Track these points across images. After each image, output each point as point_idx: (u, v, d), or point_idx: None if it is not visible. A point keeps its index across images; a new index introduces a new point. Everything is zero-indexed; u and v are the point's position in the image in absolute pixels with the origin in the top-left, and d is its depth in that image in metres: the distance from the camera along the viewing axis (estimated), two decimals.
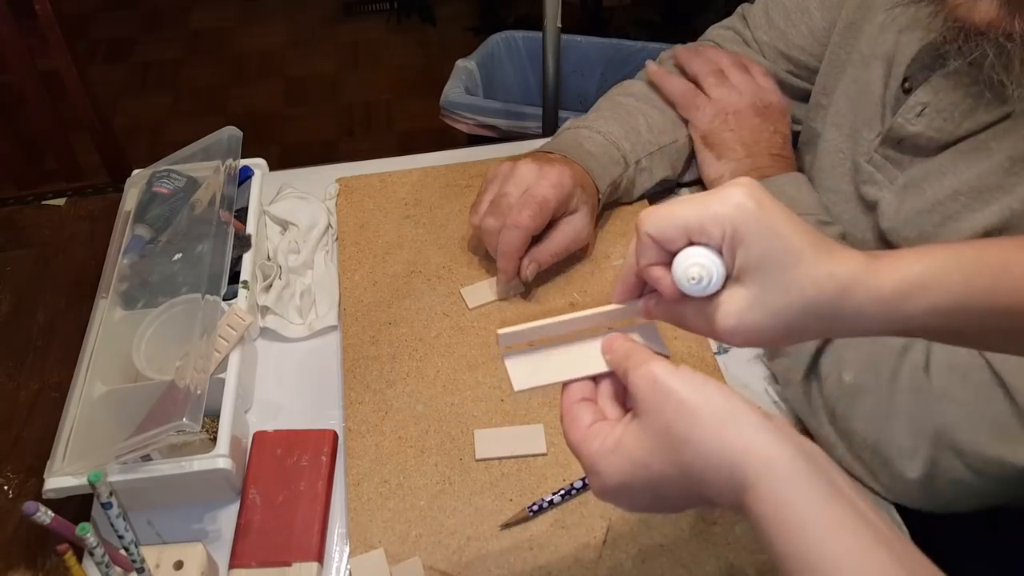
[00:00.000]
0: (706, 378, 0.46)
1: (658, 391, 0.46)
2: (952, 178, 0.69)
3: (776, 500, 0.41)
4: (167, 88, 2.68)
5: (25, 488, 0.77)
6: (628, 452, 0.47)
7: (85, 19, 2.93)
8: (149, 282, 0.79)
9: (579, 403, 0.51)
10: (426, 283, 0.88)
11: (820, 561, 0.39)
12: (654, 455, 0.45)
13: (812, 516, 0.41)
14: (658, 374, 0.46)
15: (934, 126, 0.70)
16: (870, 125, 0.78)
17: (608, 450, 0.47)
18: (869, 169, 0.78)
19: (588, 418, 0.50)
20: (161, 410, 0.67)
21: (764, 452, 0.42)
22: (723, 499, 0.44)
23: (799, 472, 0.42)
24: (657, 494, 0.47)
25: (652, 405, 0.46)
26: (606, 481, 0.47)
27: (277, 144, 2.45)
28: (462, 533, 0.70)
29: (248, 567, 0.67)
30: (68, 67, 1.34)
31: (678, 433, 0.44)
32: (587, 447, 0.48)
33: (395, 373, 0.81)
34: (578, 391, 0.52)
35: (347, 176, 1.00)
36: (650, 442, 0.46)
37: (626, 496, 0.48)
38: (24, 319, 0.91)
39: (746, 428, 0.43)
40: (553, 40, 1.19)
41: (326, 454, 0.74)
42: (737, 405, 0.44)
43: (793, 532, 0.41)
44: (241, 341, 0.76)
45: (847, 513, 0.41)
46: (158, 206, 0.83)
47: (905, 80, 0.73)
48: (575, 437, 0.50)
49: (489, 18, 2.67)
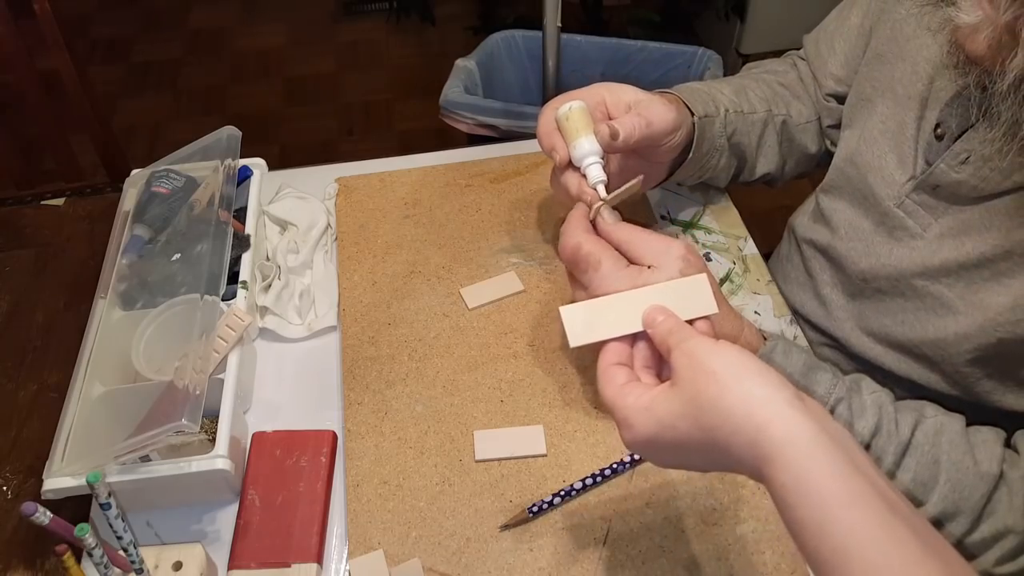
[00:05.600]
0: (743, 352, 0.49)
1: (695, 366, 0.49)
2: (999, 235, 0.68)
3: (797, 469, 0.44)
4: (166, 88, 2.68)
5: (24, 489, 0.77)
6: (660, 412, 0.50)
7: (84, 19, 2.92)
8: (148, 282, 0.78)
9: (615, 365, 0.55)
10: (426, 283, 0.88)
11: (836, 528, 0.42)
12: (683, 418, 0.49)
13: (830, 487, 0.43)
14: (696, 351, 0.50)
15: (979, 175, 0.68)
16: (901, 167, 0.76)
17: (642, 407, 0.51)
18: (899, 214, 0.76)
19: (623, 378, 0.54)
20: (160, 411, 0.67)
21: (788, 425, 0.45)
22: (743, 464, 0.47)
23: (821, 446, 0.45)
24: (682, 452, 0.51)
25: (688, 375, 0.50)
26: (637, 435, 0.51)
27: (276, 144, 2.45)
28: (462, 534, 0.69)
29: (247, 568, 0.67)
30: (67, 67, 1.33)
31: (708, 401, 0.48)
32: (622, 401, 0.52)
33: (394, 374, 0.80)
34: (614, 354, 0.56)
35: (346, 176, 0.99)
36: (681, 407, 0.49)
37: (653, 449, 0.52)
38: (23, 319, 0.91)
39: (774, 402, 0.46)
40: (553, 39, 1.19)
41: (325, 455, 0.74)
42: (770, 381, 0.47)
43: (812, 500, 0.43)
44: (240, 341, 0.76)
45: (865, 487, 0.43)
46: (157, 206, 0.83)
47: (937, 125, 0.72)
48: (611, 392, 0.53)
49: (489, 17, 2.67)
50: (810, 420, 0.46)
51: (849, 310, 0.85)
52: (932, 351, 0.75)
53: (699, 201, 0.97)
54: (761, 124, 0.89)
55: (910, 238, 0.76)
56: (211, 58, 2.79)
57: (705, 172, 0.88)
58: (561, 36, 1.19)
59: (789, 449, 0.44)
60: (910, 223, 0.75)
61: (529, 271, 0.88)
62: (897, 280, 0.77)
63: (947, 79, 0.71)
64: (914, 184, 0.75)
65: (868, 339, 0.82)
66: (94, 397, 0.71)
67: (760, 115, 0.89)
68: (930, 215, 0.74)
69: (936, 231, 0.73)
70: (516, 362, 0.81)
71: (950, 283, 0.72)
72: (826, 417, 0.48)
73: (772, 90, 0.91)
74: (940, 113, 0.72)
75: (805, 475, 0.44)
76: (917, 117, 0.75)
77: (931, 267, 0.73)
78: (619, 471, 0.72)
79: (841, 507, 0.43)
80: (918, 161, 0.75)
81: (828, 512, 0.43)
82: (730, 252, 0.92)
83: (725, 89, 0.88)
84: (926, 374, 0.78)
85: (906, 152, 0.76)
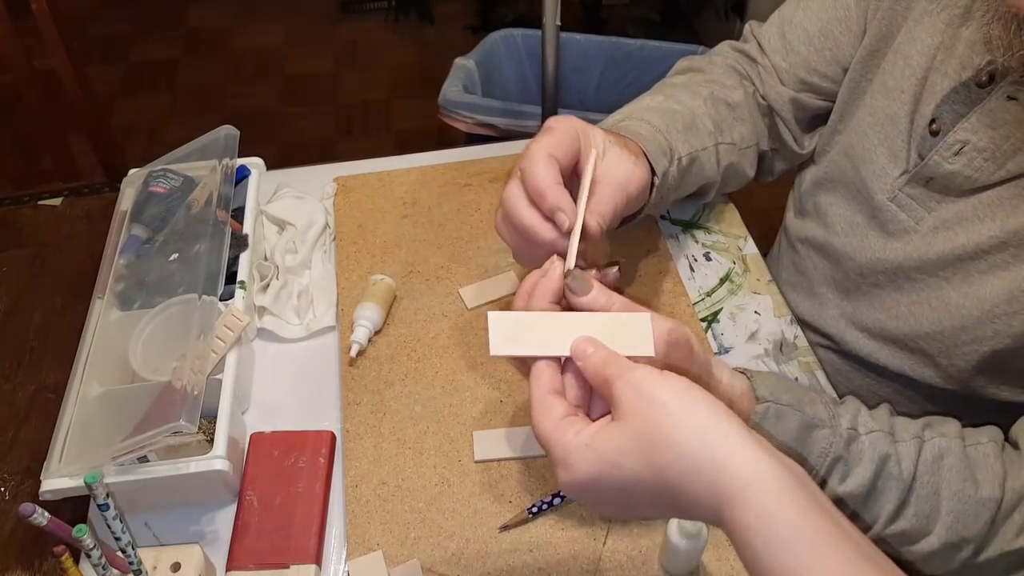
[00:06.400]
0: (692, 385, 0.46)
1: (643, 397, 0.45)
2: (993, 225, 0.68)
3: (762, 509, 0.41)
4: (164, 87, 2.67)
5: (22, 490, 0.77)
6: (603, 449, 0.46)
7: (82, 18, 2.92)
8: (146, 282, 0.78)
9: (552, 394, 0.50)
10: (424, 283, 0.88)
11: (806, 573, 0.39)
12: (630, 456, 0.45)
13: (798, 528, 0.40)
14: (642, 381, 0.46)
15: (974, 166, 0.68)
16: (893, 161, 0.76)
17: (582, 444, 0.46)
18: (892, 208, 0.76)
19: (562, 410, 0.49)
20: (158, 411, 0.66)
21: (751, 463, 0.42)
22: (699, 506, 0.43)
23: (786, 485, 0.42)
24: (627, 495, 0.46)
25: (635, 407, 0.45)
26: (576, 475, 0.46)
27: (274, 143, 2.45)
28: (461, 535, 0.69)
29: (245, 569, 0.67)
30: (65, 66, 1.33)
31: (660, 436, 0.44)
32: (560, 437, 0.47)
33: (393, 374, 0.80)
34: (548, 382, 0.51)
35: (345, 175, 0.99)
36: (628, 443, 0.45)
37: (594, 493, 0.47)
38: (20, 319, 0.91)
39: (732, 438, 0.43)
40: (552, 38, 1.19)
41: (324, 455, 0.73)
42: (723, 415, 0.44)
43: (779, 543, 0.40)
44: (238, 342, 0.75)
45: (832, 529, 0.41)
46: (155, 206, 0.83)
47: (933, 121, 0.72)
48: (548, 427, 0.48)
49: (488, 16, 2.66)
50: (771, 456, 0.43)
51: (844, 307, 0.85)
52: (928, 345, 0.75)
53: (699, 200, 0.97)
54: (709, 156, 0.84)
55: (903, 232, 0.76)
56: (209, 57, 2.79)
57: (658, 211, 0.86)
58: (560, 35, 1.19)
59: (753, 487, 0.41)
60: (903, 217, 0.75)
61: (528, 271, 0.88)
62: (894, 274, 0.77)
63: (942, 73, 0.71)
64: (907, 178, 0.75)
65: (863, 335, 0.82)
66: (92, 398, 0.71)
67: (709, 149, 0.84)
68: (923, 208, 0.74)
69: (930, 224, 0.73)
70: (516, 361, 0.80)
71: (946, 276, 0.72)
72: (777, 451, 0.44)
73: (719, 114, 0.86)
74: (936, 108, 0.72)
75: (771, 515, 0.41)
76: (910, 111, 0.74)
77: (927, 260, 0.73)
78: None
79: (811, 550, 0.40)
80: (911, 155, 0.75)
81: (797, 556, 0.40)
82: (730, 252, 0.92)
83: (678, 123, 0.81)
84: (920, 368, 0.78)
85: (898, 146, 0.76)
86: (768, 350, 0.83)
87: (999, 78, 0.67)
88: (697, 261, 0.91)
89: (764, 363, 0.82)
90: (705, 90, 0.87)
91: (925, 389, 0.79)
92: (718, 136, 0.85)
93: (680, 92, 0.86)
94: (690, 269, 0.90)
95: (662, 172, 0.75)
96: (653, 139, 0.76)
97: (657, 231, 0.93)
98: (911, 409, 0.82)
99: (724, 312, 0.86)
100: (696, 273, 0.90)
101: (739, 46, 0.93)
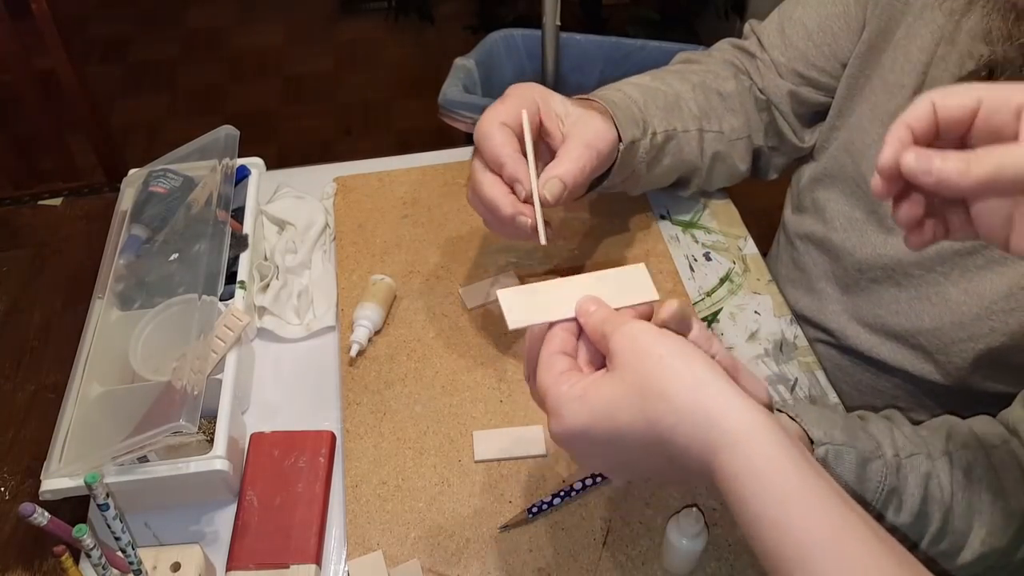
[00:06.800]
0: (688, 342, 0.46)
1: (638, 348, 0.46)
2: None
3: (754, 458, 0.41)
4: (164, 87, 2.67)
5: (22, 490, 0.77)
6: (596, 400, 0.46)
7: (82, 19, 2.92)
8: (145, 282, 0.78)
9: (557, 353, 0.51)
10: (424, 283, 0.88)
11: (797, 522, 0.40)
12: (623, 407, 0.45)
13: (790, 482, 0.41)
14: (639, 333, 0.46)
15: None
16: None
17: (575, 395, 0.47)
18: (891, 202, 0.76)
19: (563, 366, 0.49)
20: (158, 411, 0.66)
21: (745, 417, 0.43)
22: (689, 457, 0.43)
23: (777, 438, 0.42)
24: (617, 447, 0.46)
25: (630, 359, 0.46)
26: (567, 424, 0.47)
27: (274, 143, 2.45)
28: (461, 535, 0.69)
29: (245, 569, 0.67)
30: (64, 67, 1.33)
31: (654, 386, 0.44)
32: (555, 390, 0.48)
33: (393, 374, 0.80)
34: (559, 343, 0.51)
35: (345, 175, 0.99)
36: (621, 394, 0.45)
37: (585, 443, 0.47)
38: (20, 320, 0.91)
39: (726, 392, 0.43)
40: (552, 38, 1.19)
41: (324, 455, 0.73)
42: (718, 372, 0.44)
43: (770, 493, 0.41)
44: (238, 342, 0.75)
45: (821, 482, 0.42)
46: (155, 206, 0.83)
47: None
48: (547, 381, 0.49)
49: (488, 16, 2.66)
50: (764, 414, 0.43)
51: (844, 302, 0.85)
52: (927, 341, 0.76)
53: (698, 200, 0.97)
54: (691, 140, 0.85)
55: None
56: (209, 57, 2.79)
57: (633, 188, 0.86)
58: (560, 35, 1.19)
59: (745, 439, 0.42)
60: None
61: (528, 271, 0.88)
62: (892, 270, 0.77)
63: (943, 67, 0.71)
64: None
65: (864, 330, 0.82)
66: (92, 398, 0.71)
67: (692, 133, 0.84)
68: None
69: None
70: (515, 362, 0.80)
71: (945, 272, 0.72)
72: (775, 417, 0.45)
73: (709, 102, 0.87)
74: None
75: (763, 465, 0.41)
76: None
77: (926, 256, 0.73)
78: None
79: (801, 503, 0.40)
80: None
81: (788, 506, 0.40)
82: (730, 251, 0.92)
83: (659, 100, 0.82)
84: (920, 364, 0.78)
85: None
86: (768, 350, 0.83)
87: (999, 71, 0.67)
88: (697, 261, 0.91)
89: (764, 363, 0.82)
90: (696, 78, 0.87)
91: (925, 384, 0.79)
92: (703, 122, 0.85)
93: (670, 76, 0.87)
94: (690, 269, 0.90)
95: (630, 140, 0.75)
96: (626, 108, 0.77)
97: (657, 231, 0.93)
98: (911, 404, 0.82)
99: (724, 312, 0.86)
100: (696, 273, 0.90)
101: (738, 43, 0.94)
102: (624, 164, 0.78)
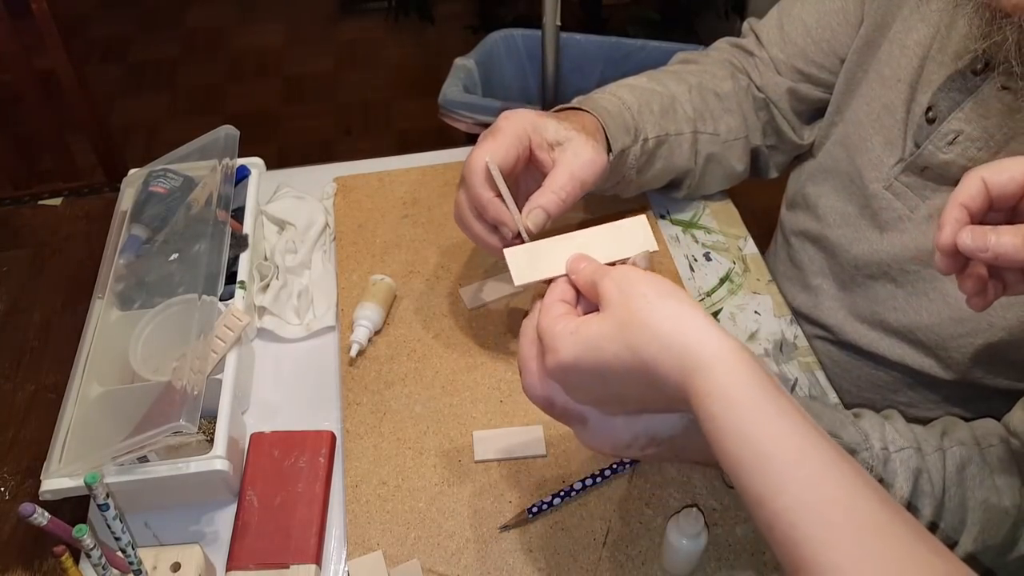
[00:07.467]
0: (671, 282, 0.50)
1: (624, 289, 0.49)
2: None
3: (724, 380, 0.44)
4: (164, 87, 2.67)
5: (22, 490, 0.77)
6: (585, 333, 0.49)
7: (82, 19, 2.92)
8: (145, 282, 0.78)
9: (558, 301, 0.54)
10: (424, 283, 0.88)
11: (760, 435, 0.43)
12: (610, 339, 0.48)
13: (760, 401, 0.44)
14: (627, 276, 0.50)
15: (967, 155, 0.69)
16: (889, 149, 0.76)
17: (568, 331, 0.50)
18: (887, 196, 0.76)
19: (561, 311, 0.53)
20: (158, 411, 0.66)
21: (722, 342, 0.45)
22: (668, 382, 0.46)
23: (748, 364, 0.45)
24: (603, 376, 0.49)
25: (617, 298, 0.49)
26: (560, 358, 0.50)
27: (274, 143, 2.45)
28: (461, 535, 0.69)
29: (245, 569, 0.67)
30: (64, 67, 1.33)
31: (637, 318, 0.47)
32: (552, 328, 0.51)
33: (393, 374, 0.80)
34: (561, 292, 0.55)
35: (345, 175, 0.99)
36: (609, 328, 0.49)
37: (575, 375, 0.51)
38: (20, 319, 0.90)
39: (705, 326, 0.46)
40: (552, 38, 1.19)
41: (324, 455, 0.73)
42: (698, 309, 0.48)
43: (741, 413, 0.43)
44: (238, 342, 0.75)
45: (790, 407, 0.44)
46: (154, 206, 0.83)
47: (929, 109, 0.72)
48: (545, 322, 0.52)
49: (488, 16, 2.66)
50: (739, 344, 0.46)
51: (841, 299, 0.85)
52: (926, 337, 0.76)
53: (698, 200, 0.97)
54: (683, 143, 0.85)
55: (897, 221, 0.76)
56: (209, 57, 2.79)
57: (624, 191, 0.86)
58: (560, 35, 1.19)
59: (718, 363, 0.45)
60: (898, 205, 0.75)
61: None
62: (889, 266, 0.77)
63: (938, 62, 0.72)
64: (903, 166, 0.75)
65: (862, 326, 0.82)
66: (92, 398, 0.71)
67: (685, 135, 0.84)
68: (918, 197, 0.74)
69: (924, 212, 0.74)
70: (515, 362, 0.80)
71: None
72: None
73: (705, 104, 0.86)
74: (932, 96, 0.72)
75: (733, 385, 0.44)
76: (907, 100, 0.75)
77: (923, 251, 0.74)
78: (619, 471, 0.72)
79: (767, 418, 0.43)
80: (907, 143, 0.75)
81: (754, 424, 0.43)
82: (730, 252, 0.92)
83: (654, 104, 0.82)
84: (920, 359, 0.78)
85: (894, 134, 0.76)
86: (768, 350, 0.83)
87: (994, 66, 0.67)
88: (697, 261, 0.91)
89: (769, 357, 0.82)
90: (693, 79, 0.87)
91: (925, 379, 0.79)
92: (698, 124, 0.85)
93: (667, 77, 0.87)
94: (690, 269, 0.90)
95: (620, 149, 0.77)
96: (619, 115, 0.78)
97: (657, 231, 0.93)
98: (912, 398, 0.82)
99: (724, 312, 0.86)
100: (696, 273, 0.90)
101: (736, 41, 0.94)
102: (614, 171, 0.79)
